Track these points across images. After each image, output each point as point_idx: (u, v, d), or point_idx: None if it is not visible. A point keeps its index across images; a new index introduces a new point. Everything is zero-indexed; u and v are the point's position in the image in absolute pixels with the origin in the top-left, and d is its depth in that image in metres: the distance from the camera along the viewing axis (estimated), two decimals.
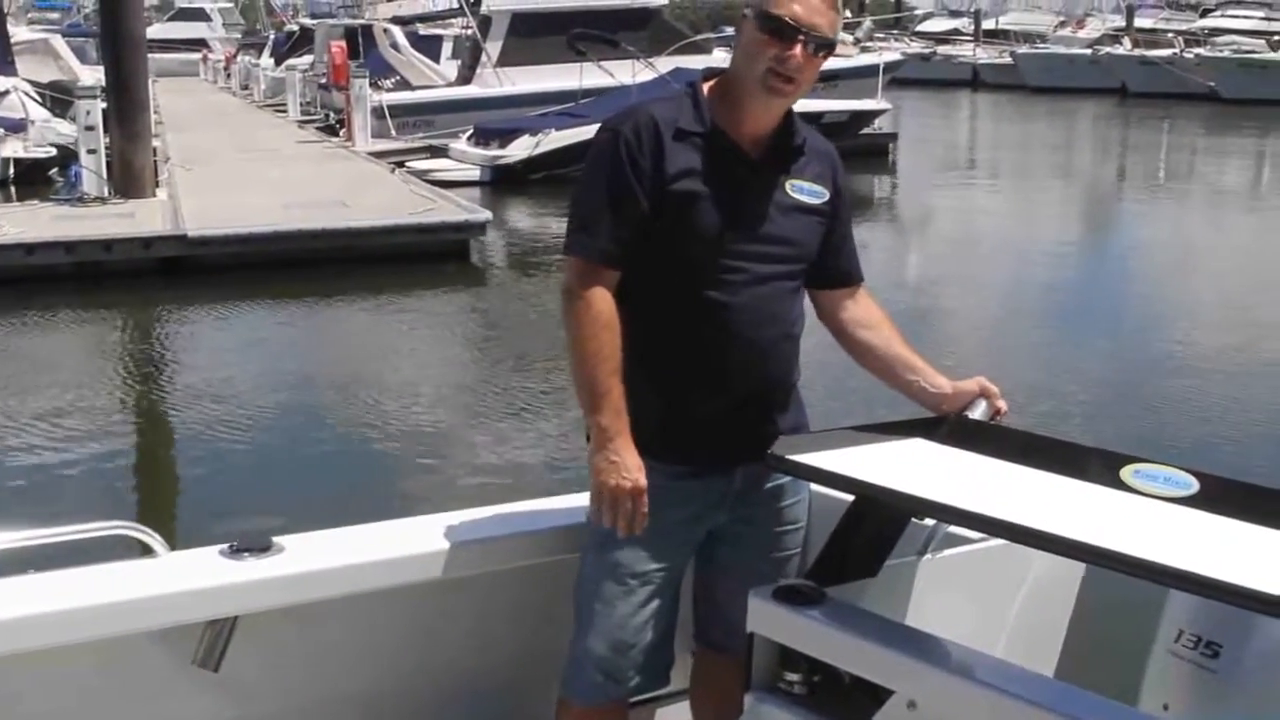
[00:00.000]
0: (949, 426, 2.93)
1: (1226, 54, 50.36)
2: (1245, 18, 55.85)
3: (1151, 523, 2.47)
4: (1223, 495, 2.52)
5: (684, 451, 2.84)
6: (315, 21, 41.72)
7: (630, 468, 2.73)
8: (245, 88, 43.17)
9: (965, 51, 62.14)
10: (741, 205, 2.79)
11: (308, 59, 37.40)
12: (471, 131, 23.56)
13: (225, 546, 2.84)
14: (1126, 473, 2.63)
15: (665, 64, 23.93)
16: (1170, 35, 55.66)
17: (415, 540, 2.97)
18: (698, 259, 2.77)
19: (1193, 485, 2.57)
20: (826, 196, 2.90)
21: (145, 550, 2.79)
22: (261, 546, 2.84)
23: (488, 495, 3.53)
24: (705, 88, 2.86)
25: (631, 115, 2.80)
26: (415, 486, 7.62)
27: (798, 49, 2.71)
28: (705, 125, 2.78)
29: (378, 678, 3.00)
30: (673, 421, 2.84)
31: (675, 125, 2.77)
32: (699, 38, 31.15)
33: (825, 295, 3.03)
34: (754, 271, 2.80)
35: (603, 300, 2.75)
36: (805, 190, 2.87)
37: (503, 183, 21.74)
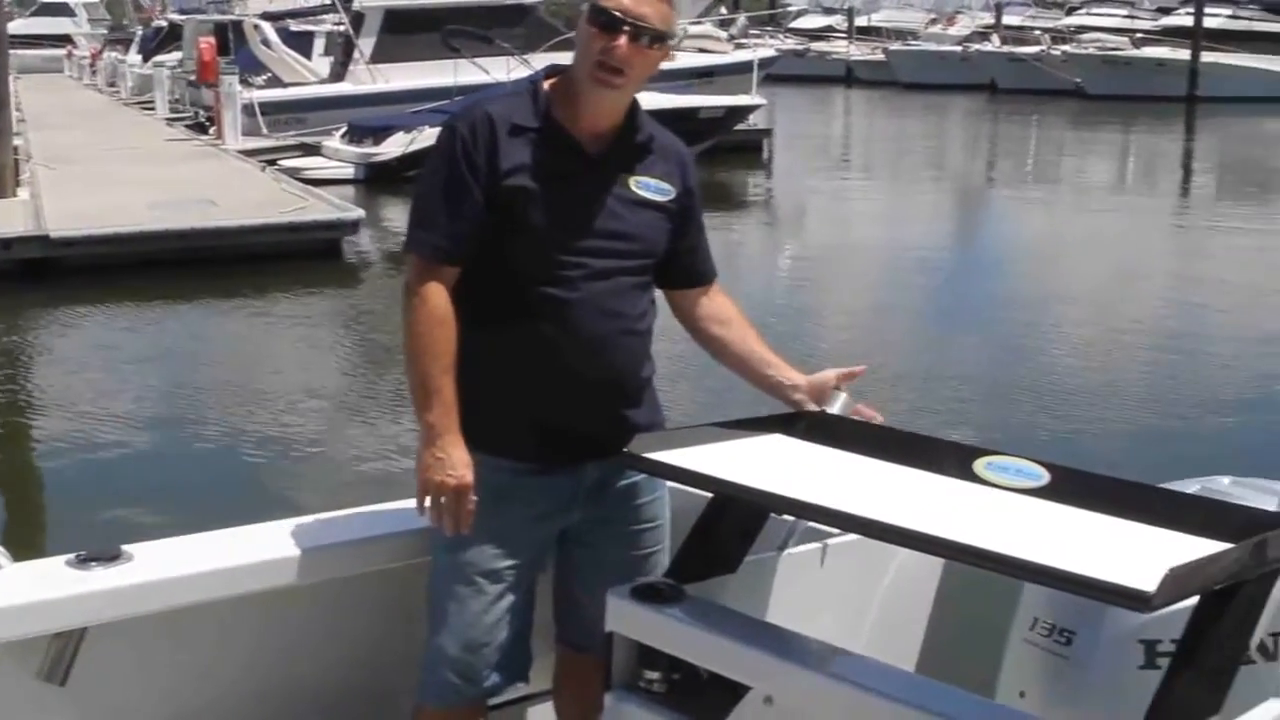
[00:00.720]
0: (807, 422, 2.95)
1: (1091, 51, 51.50)
2: (1109, 15, 57.11)
3: (1004, 515, 2.51)
4: (1072, 486, 2.57)
5: (526, 448, 2.83)
6: (184, 17, 40.84)
7: (456, 464, 2.72)
8: (112, 85, 42.21)
9: (839, 48, 62.84)
10: (578, 201, 2.79)
11: (176, 55, 36.73)
12: (345, 129, 23.31)
13: (72, 556, 2.76)
14: (979, 465, 2.67)
15: (540, 60, 23.79)
16: (1038, 33, 56.72)
17: (271, 545, 2.91)
18: (533, 255, 2.77)
19: (1043, 476, 2.61)
20: (673, 194, 2.90)
21: None
22: (110, 555, 2.77)
23: (355, 498, 3.47)
24: (547, 84, 2.85)
25: (468, 112, 2.80)
26: (281, 491, 7.49)
27: (623, 40, 2.71)
28: (541, 120, 2.79)
29: (232, 687, 2.94)
30: (513, 418, 2.83)
31: (511, 121, 2.77)
32: (573, 34, 31.08)
33: (680, 294, 3.03)
34: (592, 267, 2.79)
35: (437, 296, 2.75)
36: (650, 187, 2.87)
37: (377, 181, 21.53)
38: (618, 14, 2.70)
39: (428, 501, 2.76)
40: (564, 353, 2.79)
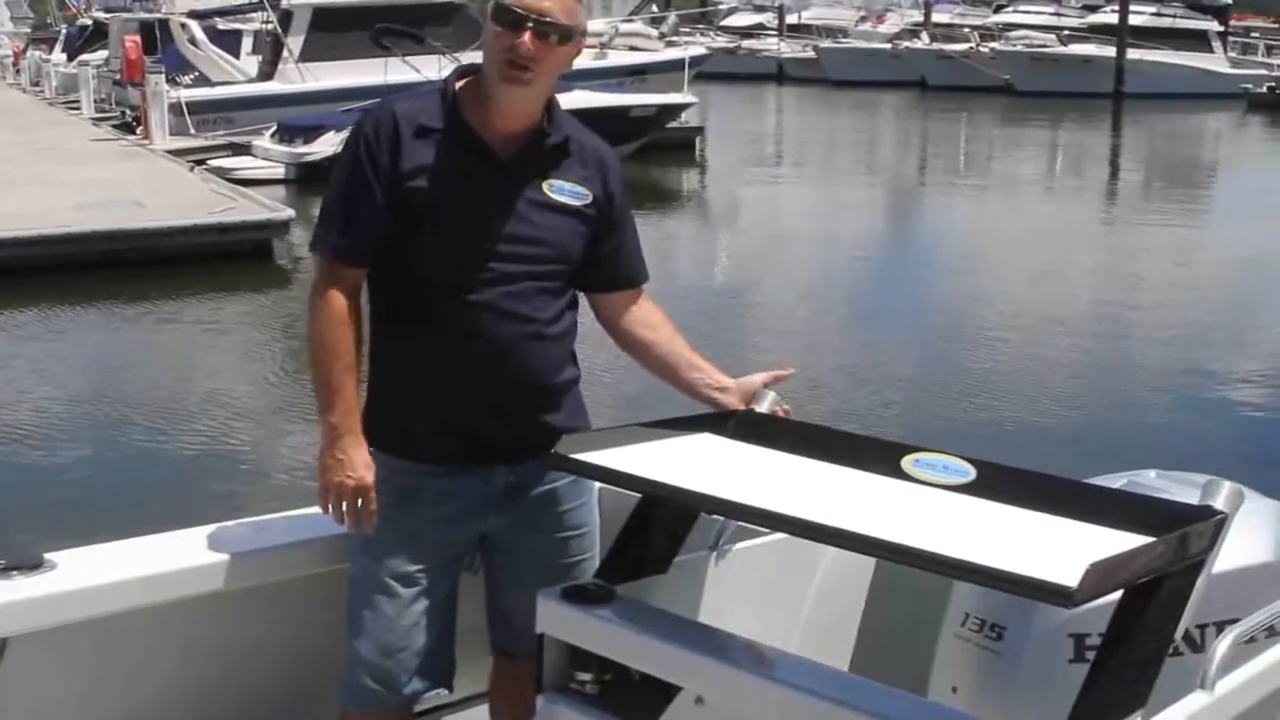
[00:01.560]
0: (735, 421, 2.95)
1: (1020, 48, 52.05)
2: (1037, 13, 57.72)
3: (932, 512, 2.52)
4: (999, 482, 2.59)
5: (431, 450, 2.81)
6: (109, 15, 40.32)
7: (356, 465, 2.73)
8: (36, 84, 41.68)
9: (770, 46, 63.04)
10: (483, 204, 2.75)
11: (102, 54, 36.25)
12: (274, 128, 23.09)
13: None
14: (907, 462, 2.68)
15: (471, 59, 23.73)
16: (966, 30, 57.27)
17: (195, 552, 2.88)
18: (435, 258, 2.75)
19: (970, 472, 2.63)
20: (589, 199, 2.84)
21: None
22: (32, 564, 2.72)
23: (281, 503, 3.43)
24: (458, 85, 2.82)
25: (376, 110, 2.78)
26: (207, 497, 7.38)
27: (527, 36, 2.67)
28: (448, 122, 2.75)
29: (158, 695, 2.90)
30: (417, 420, 2.82)
31: (417, 122, 2.74)
32: None
33: (601, 298, 2.99)
34: (497, 270, 2.75)
35: (338, 297, 2.75)
36: (566, 191, 2.82)
37: (308, 181, 21.34)
38: (519, 10, 2.67)
39: (330, 502, 2.76)
40: (468, 357, 2.76)
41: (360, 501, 2.74)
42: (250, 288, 14.05)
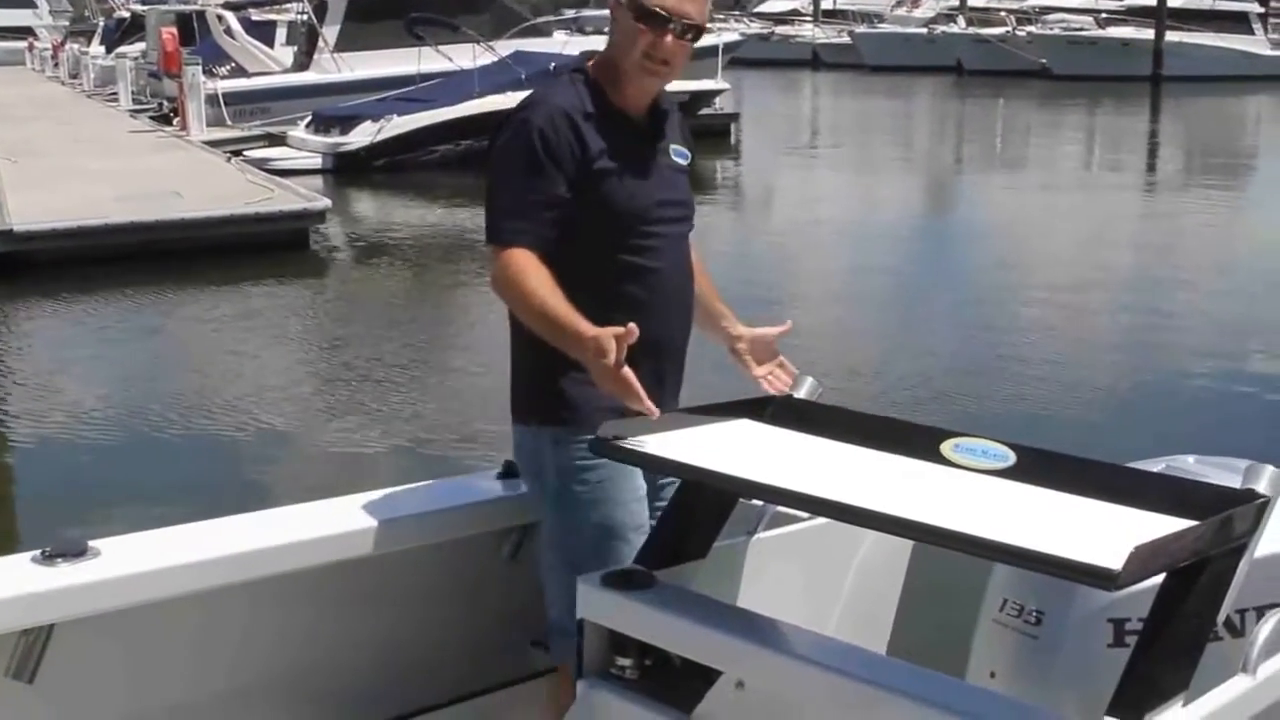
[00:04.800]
0: (775, 407, 2.96)
1: (1056, 31, 51.74)
2: None
3: (972, 496, 2.52)
4: (1039, 466, 2.59)
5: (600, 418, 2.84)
6: (146, 8, 40.47)
7: (608, 349, 2.66)
8: (74, 76, 41.88)
9: (804, 31, 62.90)
10: (648, 175, 3.00)
11: (139, 46, 36.42)
12: (310, 118, 23.16)
13: (38, 552, 2.73)
14: (947, 447, 2.68)
15: (505, 47, 23.82)
16: (1003, 14, 56.92)
17: (238, 539, 2.90)
18: (625, 230, 2.95)
19: (1010, 457, 2.63)
20: (690, 156, 3.15)
21: None
22: (77, 551, 2.74)
23: (322, 490, 3.46)
24: (593, 70, 3.01)
25: (539, 105, 2.94)
26: (249, 485, 7.43)
27: (669, 37, 2.91)
28: (605, 106, 2.96)
29: (204, 682, 2.92)
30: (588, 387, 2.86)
31: (583, 109, 2.93)
32: (539, 20, 31.08)
33: None
34: (668, 234, 3.03)
35: (523, 258, 2.84)
36: (679, 153, 3.11)
37: (345, 170, 21.43)
38: (664, 13, 2.89)
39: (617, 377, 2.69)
40: (662, 319, 2.98)
41: (628, 381, 2.67)
42: (290, 276, 14.11)
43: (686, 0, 2.91)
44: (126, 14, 44.45)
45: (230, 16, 28.95)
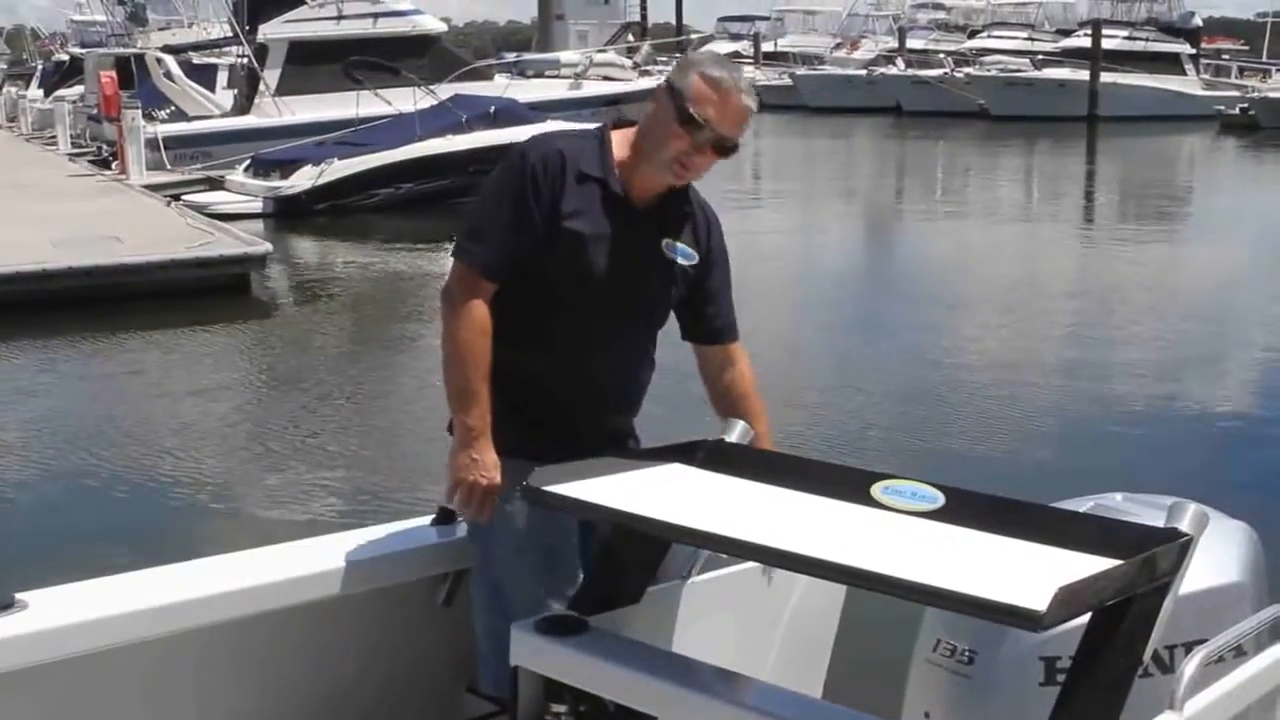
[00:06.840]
0: (705, 451, 2.96)
1: (994, 73, 52.43)
2: (1010, 38, 58.27)
3: (903, 539, 2.53)
4: (967, 507, 2.60)
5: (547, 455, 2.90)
6: (85, 51, 40.33)
7: (489, 466, 2.92)
8: (12, 120, 41.54)
9: (746, 73, 63.24)
10: (622, 253, 2.97)
11: (78, 90, 36.23)
12: (250, 162, 23.04)
13: None
14: (876, 489, 2.69)
15: (446, 90, 23.85)
16: (941, 56, 57.73)
17: (168, 590, 2.87)
18: (574, 296, 2.96)
19: (939, 499, 2.64)
20: (696, 259, 3.10)
21: None
22: (4, 604, 2.71)
23: (257, 539, 3.43)
24: (613, 137, 3.02)
25: (542, 144, 2.97)
26: (181, 535, 7.28)
27: (709, 153, 2.95)
28: (605, 173, 2.96)
29: None
30: (538, 427, 3.00)
31: (579, 166, 2.94)
32: (480, 64, 31.15)
33: (704, 350, 3.23)
34: (622, 316, 3.02)
35: (480, 308, 2.91)
36: (679, 251, 3.07)
37: (286, 214, 21.32)
38: (710, 130, 2.91)
39: (458, 496, 2.96)
40: (583, 372, 3.00)
41: (487, 498, 2.92)
42: (230, 321, 14.02)
43: (729, 119, 2.92)
44: (65, 57, 44.26)
45: (170, 60, 28.80)
